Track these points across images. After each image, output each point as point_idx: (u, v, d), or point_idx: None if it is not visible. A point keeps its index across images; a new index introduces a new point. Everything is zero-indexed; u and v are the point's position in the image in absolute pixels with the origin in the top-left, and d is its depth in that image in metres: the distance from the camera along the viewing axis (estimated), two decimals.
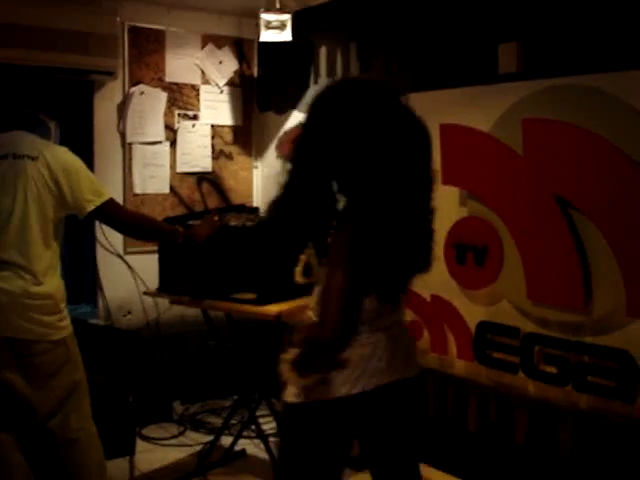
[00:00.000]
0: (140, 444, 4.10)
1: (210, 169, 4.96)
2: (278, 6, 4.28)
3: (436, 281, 3.66)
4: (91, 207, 2.91)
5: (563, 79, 3.17)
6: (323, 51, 4.57)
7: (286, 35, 4.35)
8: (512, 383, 3.42)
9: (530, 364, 3.33)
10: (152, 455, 4.09)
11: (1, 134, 3.00)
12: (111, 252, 4.55)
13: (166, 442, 4.29)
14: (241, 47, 5.03)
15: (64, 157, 2.93)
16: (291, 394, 2.07)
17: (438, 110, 3.56)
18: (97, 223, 4.19)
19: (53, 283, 2.89)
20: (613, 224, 3.00)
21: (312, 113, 2.06)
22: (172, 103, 4.77)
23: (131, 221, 3.14)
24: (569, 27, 3.17)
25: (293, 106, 4.80)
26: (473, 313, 3.57)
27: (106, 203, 2.95)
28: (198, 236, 3.32)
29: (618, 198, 2.97)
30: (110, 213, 3.00)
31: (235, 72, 5.02)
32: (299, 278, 2.67)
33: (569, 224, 3.16)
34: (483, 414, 3.59)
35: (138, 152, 4.65)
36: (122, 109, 4.60)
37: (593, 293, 3.10)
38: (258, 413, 3.96)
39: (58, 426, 2.91)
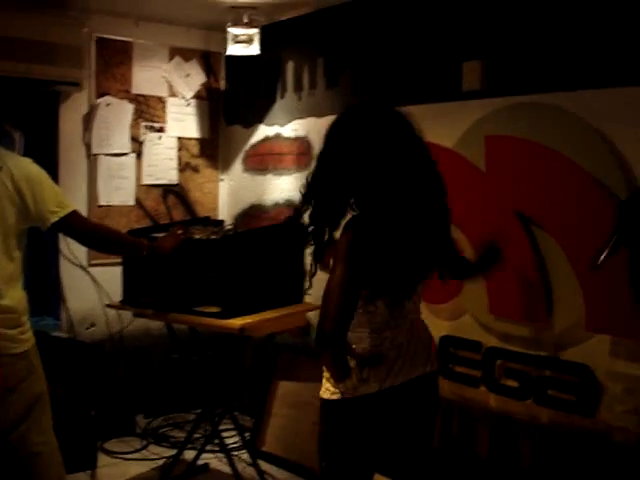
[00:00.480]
0: (102, 458, 4.07)
1: (176, 181, 4.95)
2: (246, 20, 4.29)
3: None
4: (54, 219, 2.89)
5: (525, 97, 3.23)
6: (290, 66, 4.59)
7: (254, 49, 4.36)
8: (474, 397, 3.45)
9: (492, 378, 3.37)
10: (114, 469, 4.05)
11: None
12: (75, 264, 4.52)
13: (128, 456, 4.24)
14: (208, 60, 5.04)
15: (28, 168, 2.90)
16: (328, 391, 2.30)
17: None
18: (61, 234, 4.15)
19: (15, 296, 2.85)
20: (573, 240, 3.05)
21: (331, 136, 2.29)
22: (138, 115, 4.76)
23: (95, 234, 3.11)
24: (531, 47, 3.23)
25: (260, 120, 4.82)
26: (436, 327, 3.57)
27: (70, 215, 2.93)
28: (162, 249, 3.31)
29: (578, 214, 3.03)
30: (73, 225, 2.97)
31: (202, 85, 5.03)
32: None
33: (530, 240, 3.21)
34: (446, 428, 3.61)
35: (103, 163, 4.63)
36: (88, 120, 4.58)
37: (554, 308, 3.15)
38: (221, 427, 3.94)
39: (19, 440, 2.87)
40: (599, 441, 3.00)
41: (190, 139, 5.00)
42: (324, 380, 2.33)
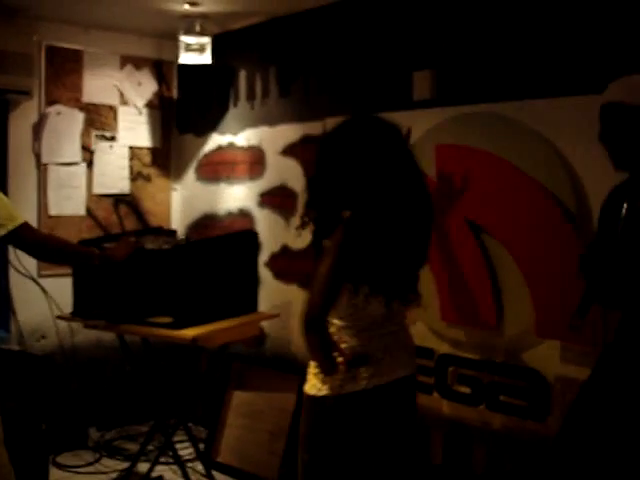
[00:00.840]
0: (54, 472, 4.00)
1: (128, 191, 4.90)
2: (198, 29, 4.28)
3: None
4: (3, 232, 2.84)
5: (475, 106, 3.28)
6: (243, 74, 4.59)
7: (206, 58, 4.35)
8: (427, 404, 3.47)
9: (444, 384, 3.40)
10: None
11: None
12: (24, 275, 4.44)
13: (81, 470, 4.18)
14: (161, 69, 5.01)
15: None
16: (314, 388, 2.37)
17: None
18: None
19: None
20: (523, 248, 3.10)
21: (328, 145, 2.46)
22: (89, 124, 4.71)
23: (45, 246, 3.07)
24: (481, 56, 3.27)
25: (213, 128, 4.80)
26: None
27: (19, 228, 2.88)
28: (114, 257, 3.28)
29: (528, 223, 3.07)
30: (23, 238, 2.93)
31: (154, 94, 5.00)
32: None
33: (481, 248, 3.24)
34: None
35: (53, 173, 4.57)
36: (38, 129, 4.52)
37: (504, 315, 3.19)
38: (175, 438, 3.91)
39: None
40: (550, 446, 3.04)
41: (142, 148, 4.97)
42: (310, 376, 2.39)
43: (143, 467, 3.99)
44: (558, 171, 2.98)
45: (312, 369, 2.39)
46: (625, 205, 2.35)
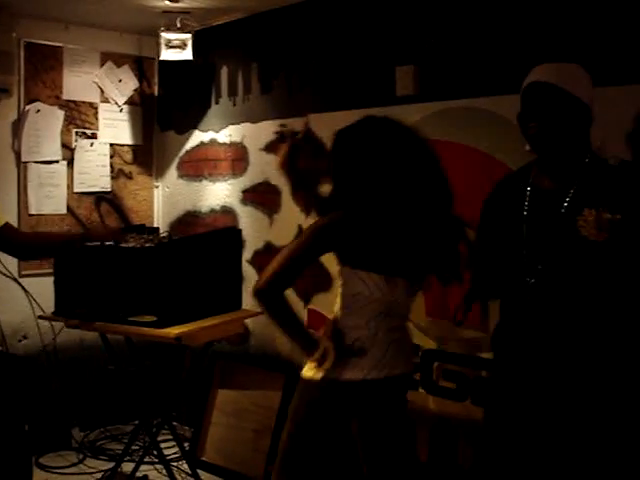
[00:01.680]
0: (37, 474, 3.96)
1: (109, 189, 4.86)
2: (179, 25, 4.25)
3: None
4: None
5: (459, 101, 3.27)
6: (224, 71, 4.56)
7: (187, 54, 4.32)
8: (413, 399, 3.46)
9: (430, 380, 3.39)
10: None
11: None
12: (5, 275, 4.40)
13: (65, 471, 4.15)
14: (141, 65, 4.97)
15: None
16: (311, 371, 2.43)
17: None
18: None
19: None
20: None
21: (342, 143, 2.47)
22: (69, 121, 4.67)
23: (28, 246, 3.03)
24: (463, 51, 3.27)
25: (194, 125, 4.77)
26: None
27: (1, 229, 2.85)
28: (94, 233, 3.22)
29: None
30: (6, 239, 2.89)
31: (135, 91, 4.96)
32: None
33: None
34: None
35: (33, 171, 4.52)
36: (17, 127, 4.47)
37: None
38: (160, 438, 3.88)
39: None
40: None
41: (123, 145, 4.93)
42: (309, 362, 2.46)
43: (128, 467, 3.96)
44: None
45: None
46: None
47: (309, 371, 2.45)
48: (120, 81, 4.88)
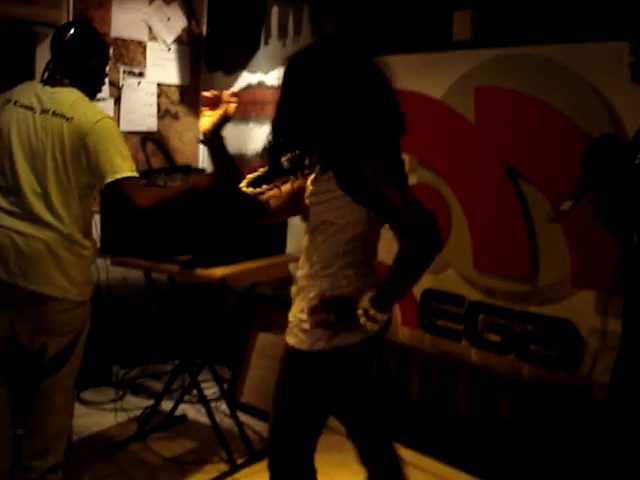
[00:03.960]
0: (78, 408, 4.00)
1: (155, 129, 4.83)
2: None
3: (382, 246, 3.64)
4: (109, 179, 2.75)
5: (517, 49, 3.16)
6: (275, 11, 4.47)
7: None
8: (455, 351, 3.44)
9: (474, 332, 3.35)
10: (90, 419, 4.01)
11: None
12: None
13: (105, 406, 4.21)
14: (190, 4, 4.89)
15: (99, 124, 2.80)
16: (305, 343, 2.22)
17: (391, 75, 3.52)
18: None
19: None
20: (562, 195, 3.02)
21: (294, 68, 2.23)
22: (117, 59, 4.62)
23: (152, 210, 2.89)
24: None
25: (242, 67, 4.70)
26: None
27: (122, 181, 2.78)
28: (201, 183, 3.05)
29: (567, 168, 2.98)
30: (125, 193, 2.81)
31: (183, 30, 4.89)
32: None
33: (518, 194, 3.17)
34: (425, 382, 3.61)
35: None
36: None
37: (539, 263, 3.13)
38: (199, 378, 3.91)
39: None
40: (579, 397, 3.00)
41: (170, 86, 4.88)
42: (296, 330, 2.25)
43: (167, 405, 4.00)
44: (600, 116, 2.87)
45: (304, 323, 2.22)
46: None
47: (303, 344, 2.23)
48: (169, 19, 4.81)
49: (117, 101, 4.64)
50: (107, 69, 3.08)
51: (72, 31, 2.87)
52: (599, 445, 2.78)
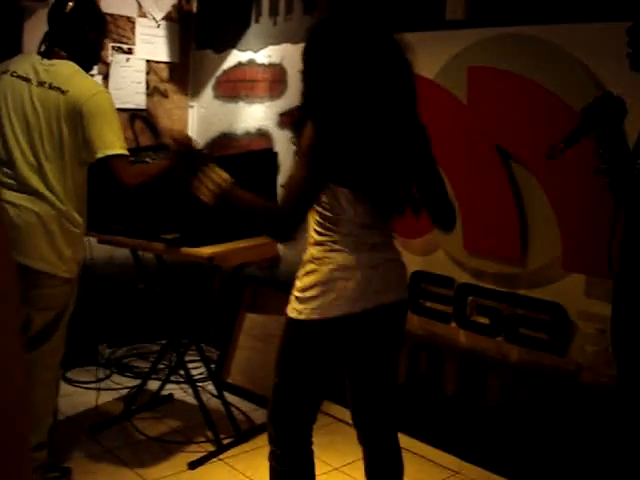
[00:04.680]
0: (64, 387, 3.98)
1: (144, 106, 4.78)
2: None
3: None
4: (99, 155, 2.77)
5: (509, 28, 3.12)
6: None
7: None
8: (444, 333, 3.42)
9: (463, 314, 3.34)
10: (77, 398, 3.99)
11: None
12: None
13: (91, 386, 4.19)
14: None
15: (94, 98, 2.81)
16: (295, 311, 2.23)
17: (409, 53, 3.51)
18: None
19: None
20: (552, 177, 2.99)
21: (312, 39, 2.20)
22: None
23: (139, 186, 2.85)
24: None
25: (233, 45, 4.64)
26: (407, 262, 3.51)
27: (110, 158, 2.78)
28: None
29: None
30: (115, 170, 2.79)
31: (173, 6, 4.82)
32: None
33: (508, 175, 3.14)
34: (413, 364, 3.59)
35: None
36: None
37: (529, 246, 3.11)
38: (186, 358, 3.89)
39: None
40: (568, 380, 3.00)
41: (159, 62, 4.82)
42: (292, 298, 2.26)
43: (153, 385, 3.99)
44: (593, 97, 2.84)
45: (295, 291, 2.26)
46: None
47: (293, 311, 2.25)
48: None
49: (105, 77, 4.57)
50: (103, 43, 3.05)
51: (72, 4, 2.83)
52: (603, 432, 2.77)
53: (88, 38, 2.87)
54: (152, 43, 4.76)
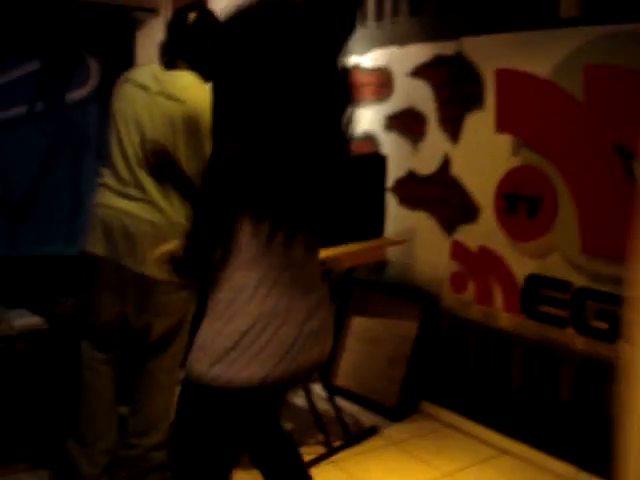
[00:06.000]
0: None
1: None
2: None
3: (483, 231, 3.59)
4: None
5: (627, 25, 3.03)
6: None
7: None
8: (559, 338, 3.35)
9: (580, 319, 3.25)
10: None
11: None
12: None
13: None
14: None
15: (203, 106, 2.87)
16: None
17: (494, 55, 3.46)
18: None
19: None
20: None
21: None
22: None
23: None
24: None
25: None
26: (522, 265, 3.48)
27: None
28: None
29: None
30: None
31: None
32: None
33: (629, 175, 3.04)
34: (527, 369, 3.52)
35: None
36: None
37: None
38: None
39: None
40: None
41: None
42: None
43: None
44: None
45: None
46: None
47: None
48: None
49: None
50: None
51: (193, 16, 2.88)
52: None
53: (209, 49, 2.91)
54: None
